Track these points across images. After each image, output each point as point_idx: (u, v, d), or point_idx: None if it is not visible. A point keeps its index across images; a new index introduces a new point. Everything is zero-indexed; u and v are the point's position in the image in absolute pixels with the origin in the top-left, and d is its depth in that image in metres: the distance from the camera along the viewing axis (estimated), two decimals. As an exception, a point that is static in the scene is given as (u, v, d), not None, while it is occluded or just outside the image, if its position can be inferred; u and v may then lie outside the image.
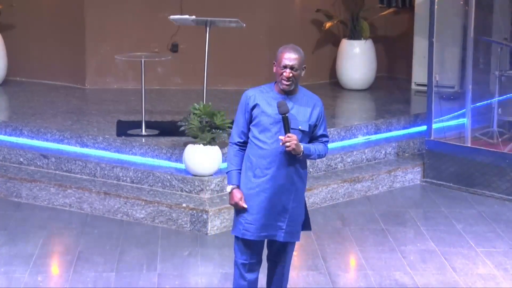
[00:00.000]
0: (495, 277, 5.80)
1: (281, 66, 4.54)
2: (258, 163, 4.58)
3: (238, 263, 4.73)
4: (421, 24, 9.66)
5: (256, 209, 4.60)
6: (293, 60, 4.53)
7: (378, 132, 8.29)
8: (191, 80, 9.48)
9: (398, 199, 7.50)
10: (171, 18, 7.69)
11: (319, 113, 4.64)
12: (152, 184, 7.06)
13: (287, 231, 4.66)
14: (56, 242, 6.40)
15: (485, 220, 6.94)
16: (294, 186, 4.63)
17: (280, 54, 4.56)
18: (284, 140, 4.49)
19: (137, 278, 5.70)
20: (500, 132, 7.91)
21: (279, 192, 4.60)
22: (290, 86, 4.56)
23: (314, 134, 4.67)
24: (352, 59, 9.84)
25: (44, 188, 7.14)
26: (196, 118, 6.81)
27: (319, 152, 4.66)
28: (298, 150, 4.52)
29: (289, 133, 4.49)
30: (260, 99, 4.60)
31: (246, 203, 4.62)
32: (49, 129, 7.77)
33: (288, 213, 4.64)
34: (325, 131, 4.71)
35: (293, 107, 4.57)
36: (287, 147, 4.49)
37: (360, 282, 5.70)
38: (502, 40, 8.25)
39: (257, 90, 4.65)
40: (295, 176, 4.63)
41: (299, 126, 4.57)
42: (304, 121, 4.59)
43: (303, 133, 4.59)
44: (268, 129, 4.56)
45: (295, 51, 4.56)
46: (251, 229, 4.61)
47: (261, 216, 4.60)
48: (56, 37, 9.82)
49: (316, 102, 4.66)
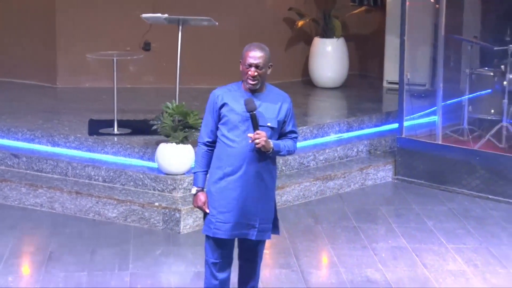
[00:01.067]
0: (465, 273, 5.86)
1: (246, 65, 4.52)
2: (228, 162, 4.58)
3: (209, 262, 4.73)
4: (392, 23, 9.71)
5: (227, 208, 4.60)
6: (258, 59, 4.51)
7: (350, 130, 8.33)
8: (163, 79, 9.45)
9: (370, 197, 7.54)
10: (143, 16, 7.66)
11: (288, 109, 4.65)
12: (124, 183, 7.04)
13: (260, 229, 4.66)
14: (27, 242, 6.35)
15: (456, 217, 7.01)
16: (264, 183, 4.64)
17: (245, 53, 4.54)
18: (253, 137, 4.48)
19: (109, 277, 5.68)
20: (471, 130, 7.99)
21: (250, 190, 4.60)
22: (255, 85, 4.55)
23: (283, 130, 4.67)
24: (325, 58, 9.88)
25: (15, 187, 7.09)
26: (168, 117, 6.80)
27: (288, 148, 4.67)
28: (268, 146, 4.52)
29: (258, 130, 4.50)
30: (228, 97, 4.59)
31: (217, 201, 4.61)
32: (20, 128, 7.71)
33: (259, 211, 4.64)
34: (294, 127, 4.72)
35: (261, 105, 4.57)
36: (256, 144, 4.49)
37: (332, 279, 5.73)
38: (472, 38, 8.32)
39: (225, 88, 4.64)
40: (265, 173, 4.63)
41: (268, 123, 4.57)
42: (273, 117, 4.59)
43: (272, 129, 4.60)
44: (236, 127, 4.56)
45: (260, 49, 4.55)
46: (222, 228, 4.61)
47: (233, 215, 4.60)
48: (26, 35, 9.74)
49: (284, 99, 4.66)
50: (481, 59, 8.64)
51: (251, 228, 4.64)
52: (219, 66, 9.56)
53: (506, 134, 7.68)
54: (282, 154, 4.67)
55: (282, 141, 4.66)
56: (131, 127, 7.75)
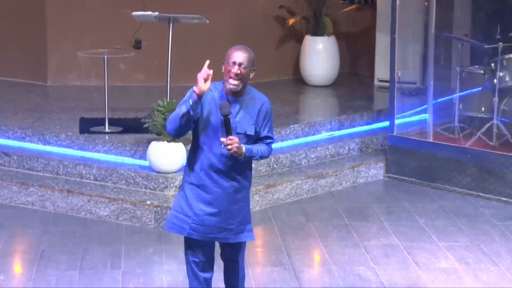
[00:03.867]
0: (457, 270, 5.88)
1: (229, 63, 4.43)
2: (202, 165, 4.51)
3: (189, 261, 4.68)
4: (383, 21, 9.73)
5: (203, 211, 4.55)
6: (242, 58, 4.43)
7: (341, 128, 8.34)
8: (154, 77, 9.44)
9: (362, 195, 7.55)
10: (134, 14, 7.65)
11: (265, 114, 4.56)
12: (115, 181, 7.02)
13: (236, 231, 4.63)
14: (18, 241, 6.33)
15: (447, 215, 7.03)
16: (239, 185, 4.58)
17: (229, 52, 4.47)
18: (226, 142, 4.39)
19: (101, 276, 5.67)
20: (461, 127, 8.01)
21: (225, 194, 4.55)
22: (237, 86, 4.44)
23: (258, 134, 4.59)
24: (315, 56, 9.88)
25: (6, 186, 7.06)
26: (160, 115, 6.79)
27: (261, 153, 4.57)
28: (240, 152, 4.42)
29: (231, 136, 4.40)
30: (206, 98, 4.46)
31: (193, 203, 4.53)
32: (11, 126, 7.68)
33: (235, 213, 4.59)
34: (269, 133, 4.62)
35: (239, 111, 4.49)
36: (228, 150, 4.41)
37: (324, 277, 5.74)
38: (463, 36, 8.35)
39: (211, 85, 4.48)
40: (240, 176, 4.57)
41: (245, 131, 4.50)
42: (251, 124, 4.52)
43: (248, 137, 4.53)
44: (210, 129, 4.46)
45: (245, 50, 4.48)
46: (199, 230, 4.56)
47: (208, 218, 4.55)
48: (16, 33, 9.70)
49: (264, 103, 4.57)
50: (471, 57, 8.67)
51: (228, 232, 4.60)
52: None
53: (497, 132, 7.71)
54: (255, 159, 4.58)
55: (256, 145, 4.57)
56: (122, 125, 7.73)
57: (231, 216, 4.60)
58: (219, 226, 4.58)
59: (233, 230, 4.61)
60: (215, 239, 4.62)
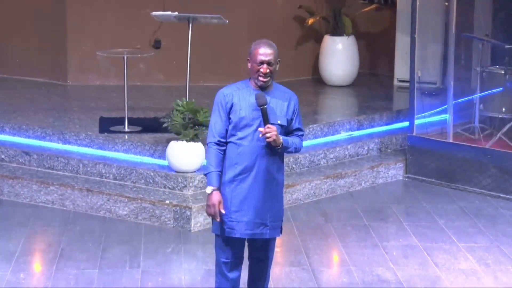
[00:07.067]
0: (476, 272, 5.84)
1: (257, 62, 4.50)
2: (239, 161, 4.56)
3: (219, 262, 4.72)
4: (403, 21, 9.69)
5: (241, 207, 4.58)
6: (269, 56, 4.50)
7: (360, 128, 8.32)
8: (173, 77, 9.46)
9: (381, 195, 7.53)
10: (153, 14, 7.67)
11: (295, 106, 4.65)
12: (135, 180, 7.04)
13: (271, 227, 4.66)
14: (38, 239, 6.37)
15: (467, 216, 6.99)
16: (275, 180, 4.64)
17: (254, 50, 4.53)
18: (264, 131, 4.47)
19: (120, 275, 5.69)
20: (482, 128, 7.96)
21: (262, 188, 4.59)
22: (267, 82, 4.55)
23: (290, 127, 4.66)
24: (335, 56, 9.86)
25: (26, 185, 7.11)
26: (179, 114, 6.80)
27: (295, 145, 4.65)
28: (278, 141, 4.51)
29: (269, 125, 4.48)
30: (237, 96, 4.57)
31: (230, 201, 4.59)
32: (31, 126, 7.73)
33: (270, 209, 4.63)
34: (300, 125, 4.71)
35: (270, 102, 4.57)
36: (267, 138, 4.47)
37: (343, 277, 5.73)
38: (483, 36, 8.29)
39: (233, 87, 4.62)
40: (275, 169, 4.62)
41: (278, 121, 4.56)
42: (282, 115, 4.59)
43: (281, 127, 4.59)
44: (246, 125, 4.54)
45: (269, 46, 4.54)
46: (236, 227, 4.59)
47: (246, 214, 4.58)
48: (37, 33, 9.76)
49: (291, 96, 4.66)
50: (492, 57, 8.61)
51: (264, 226, 4.63)
52: (228, 64, 9.56)
53: (518, 132, 7.66)
54: (290, 151, 4.66)
55: (290, 137, 4.65)
56: (141, 124, 7.75)
57: (267, 211, 4.62)
58: (255, 221, 4.59)
59: (269, 225, 4.63)
60: (253, 235, 4.62)
